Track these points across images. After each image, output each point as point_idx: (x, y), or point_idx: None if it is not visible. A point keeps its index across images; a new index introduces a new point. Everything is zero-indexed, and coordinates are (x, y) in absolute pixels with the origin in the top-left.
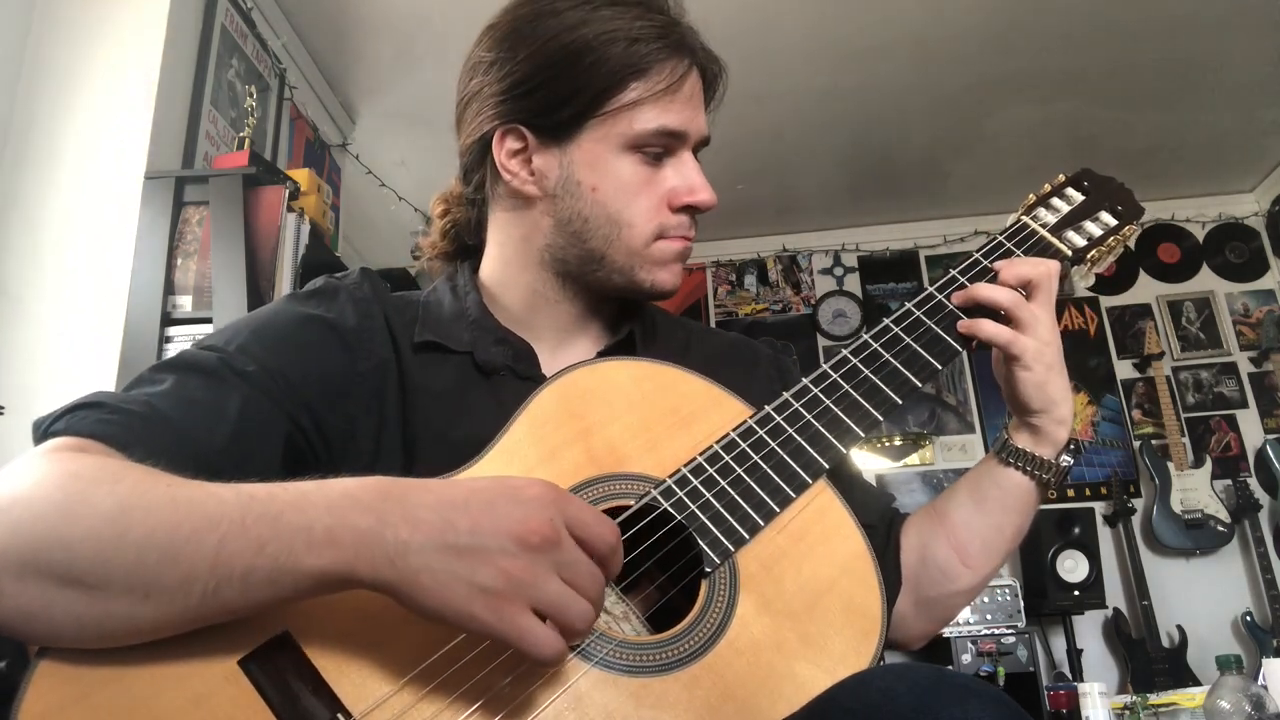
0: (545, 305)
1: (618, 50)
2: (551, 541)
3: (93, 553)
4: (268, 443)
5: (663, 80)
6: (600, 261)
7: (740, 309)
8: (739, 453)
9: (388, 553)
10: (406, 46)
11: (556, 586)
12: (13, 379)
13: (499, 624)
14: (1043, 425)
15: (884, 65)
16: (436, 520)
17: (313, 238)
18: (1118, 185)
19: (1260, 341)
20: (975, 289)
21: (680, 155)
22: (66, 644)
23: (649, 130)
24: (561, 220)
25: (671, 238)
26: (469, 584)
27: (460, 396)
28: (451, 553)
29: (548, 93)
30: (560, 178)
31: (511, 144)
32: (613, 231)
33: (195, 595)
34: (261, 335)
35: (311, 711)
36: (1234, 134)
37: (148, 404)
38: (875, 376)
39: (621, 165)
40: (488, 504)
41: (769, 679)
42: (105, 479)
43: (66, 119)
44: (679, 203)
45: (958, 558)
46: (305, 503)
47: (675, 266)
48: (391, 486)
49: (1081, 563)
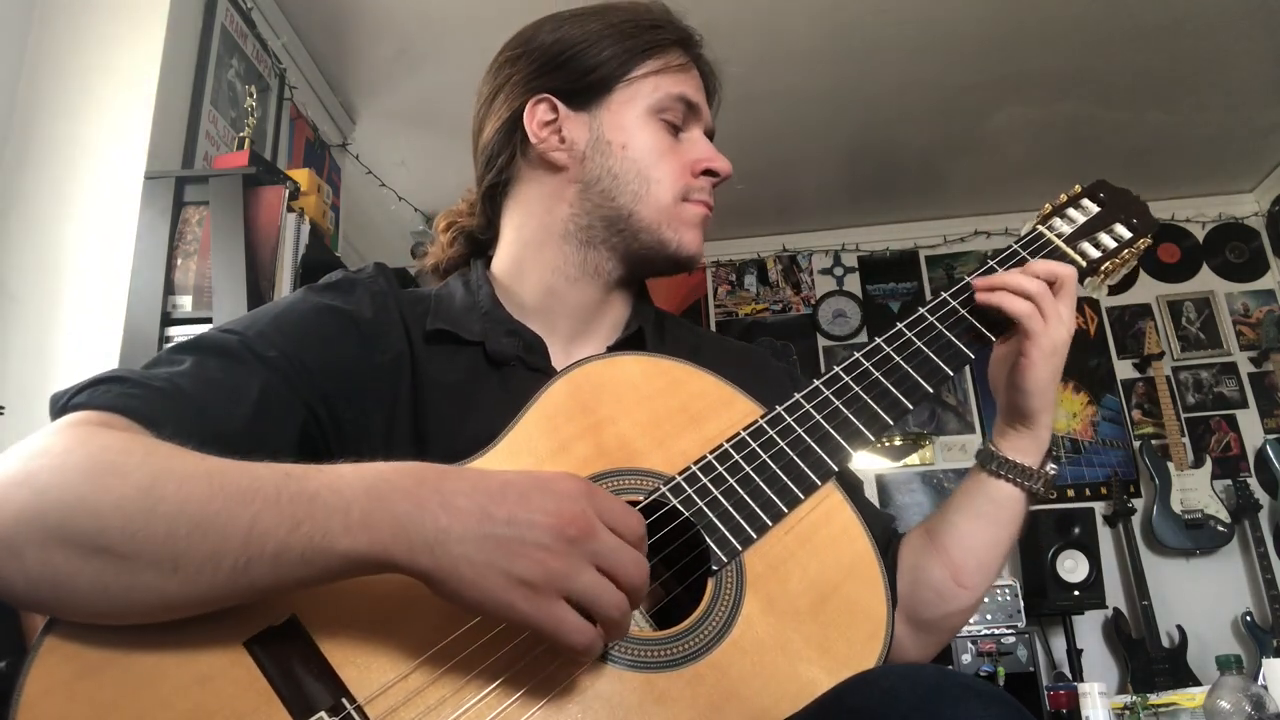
0: (561, 289)
1: (637, 30)
2: (586, 533)
3: (123, 522)
4: (284, 429)
5: (675, 60)
6: (628, 220)
7: (740, 309)
8: (749, 452)
9: (427, 540)
10: (406, 46)
11: (591, 577)
12: (13, 379)
13: (536, 615)
14: (1034, 430)
15: (884, 66)
16: (474, 509)
17: (313, 238)
18: (1133, 198)
19: (1260, 341)
20: (1004, 275)
21: (693, 131)
22: (87, 616)
23: (672, 94)
24: (590, 180)
25: (695, 201)
26: (507, 575)
27: (471, 387)
28: (490, 543)
29: (576, 63)
30: (590, 139)
31: (543, 114)
32: (641, 187)
33: (224, 570)
34: (281, 323)
35: (315, 696)
36: (1234, 134)
37: (170, 381)
38: (886, 380)
39: (648, 128)
40: (522, 495)
41: (773, 679)
42: (137, 450)
43: (66, 119)
44: (700, 168)
45: (952, 578)
46: (341, 484)
47: (698, 233)
48: (426, 472)
49: (1081, 563)
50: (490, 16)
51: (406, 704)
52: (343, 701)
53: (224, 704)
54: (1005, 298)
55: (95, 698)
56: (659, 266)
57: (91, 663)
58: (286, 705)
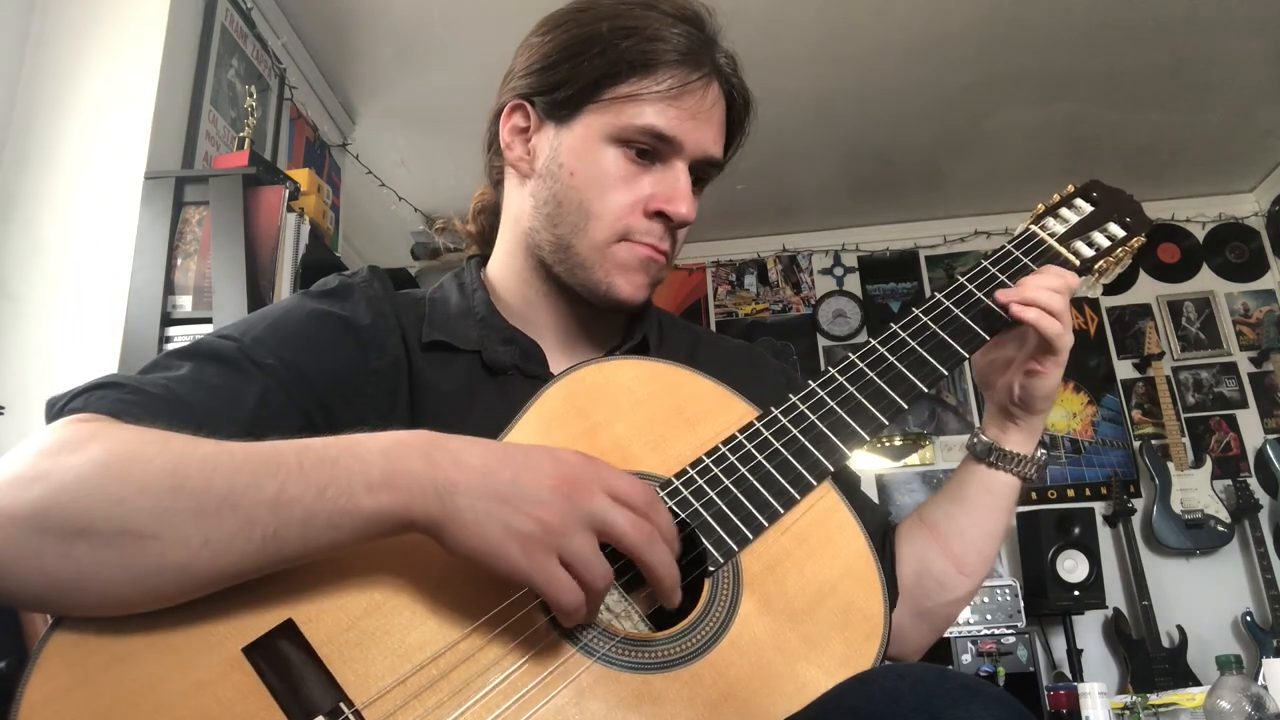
0: (537, 300)
1: (629, 44)
2: (584, 493)
3: (150, 504)
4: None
5: (666, 83)
6: (566, 252)
7: (740, 309)
8: (744, 453)
9: (438, 490)
10: (406, 46)
11: (584, 540)
12: (13, 379)
13: (529, 567)
14: (1034, 425)
15: (884, 65)
16: (482, 466)
17: (313, 238)
18: (1126, 197)
19: (1260, 341)
20: (1036, 292)
21: (671, 164)
22: (115, 607)
23: (635, 125)
24: (540, 201)
25: (637, 242)
26: (505, 526)
27: (468, 396)
28: (494, 497)
29: (554, 74)
30: (547, 158)
31: (517, 120)
32: (580, 221)
33: (255, 540)
34: (277, 329)
35: (313, 700)
36: (1234, 134)
37: (166, 387)
38: (881, 380)
39: (605, 156)
40: (528, 457)
41: (770, 679)
42: (153, 440)
43: (66, 119)
44: (652, 208)
45: (954, 567)
46: (360, 449)
47: (637, 277)
48: (439, 437)
49: (1081, 563)
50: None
51: (405, 707)
52: (341, 706)
53: (223, 709)
54: (1039, 317)
55: (95, 705)
56: (594, 303)
57: (91, 669)
58: (284, 710)
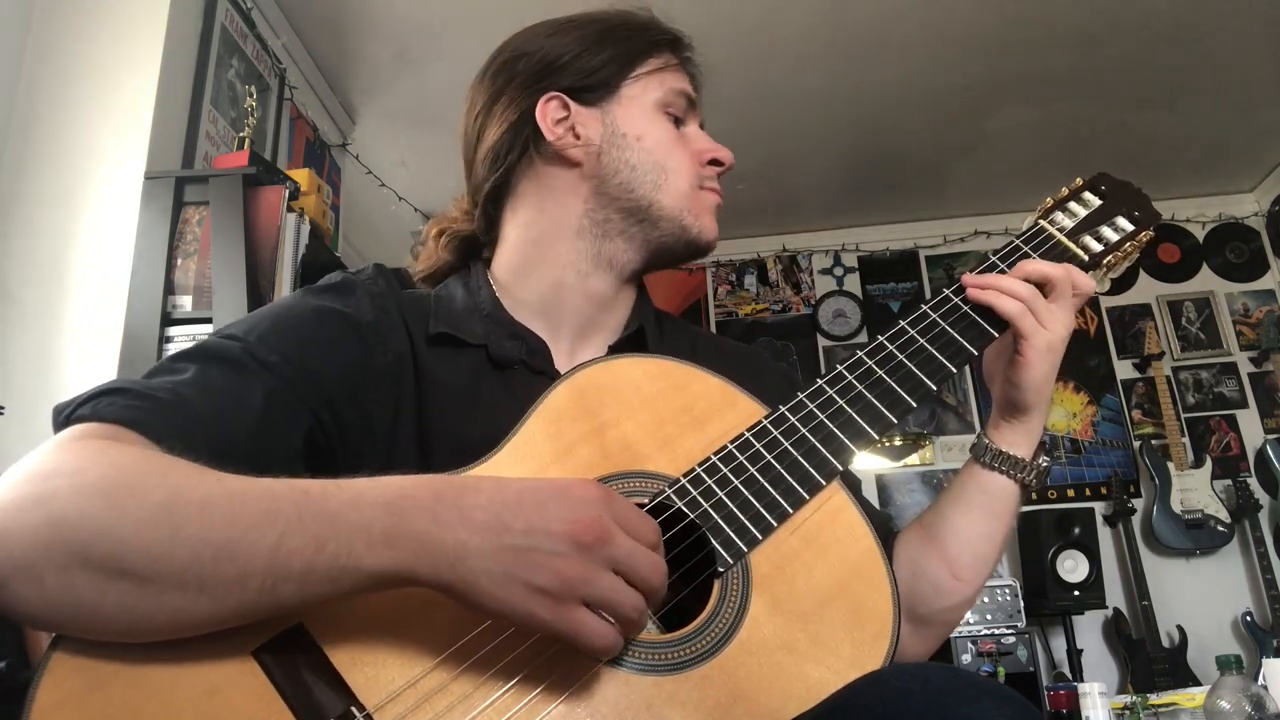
0: (571, 283)
1: (633, 31)
2: (602, 539)
3: (145, 548)
4: (289, 436)
5: (670, 60)
6: (648, 210)
7: (740, 309)
8: (753, 452)
9: (448, 556)
10: (406, 46)
11: (609, 582)
12: (13, 379)
13: (557, 622)
14: (1027, 424)
15: (884, 65)
16: (492, 521)
17: (313, 238)
18: (1135, 190)
19: (1260, 341)
20: (995, 276)
21: (692, 125)
22: (112, 636)
23: (675, 89)
24: (607, 174)
25: (706, 189)
26: (526, 585)
27: (474, 390)
28: (509, 554)
29: (580, 62)
30: (605, 134)
31: (555, 111)
32: (660, 177)
33: (251, 591)
34: (281, 327)
35: (324, 703)
36: (1234, 134)
37: (173, 392)
38: (890, 378)
39: (659, 120)
40: (539, 504)
41: (780, 680)
42: (152, 471)
43: (67, 119)
44: (707, 157)
45: (949, 571)
46: (361, 501)
47: (714, 219)
48: (444, 488)
49: (1081, 563)
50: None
51: (416, 710)
52: (352, 709)
53: (234, 714)
54: (996, 297)
55: (105, 710)
56: (678, 253)
57: (102, 675)
58: (296, 714)
